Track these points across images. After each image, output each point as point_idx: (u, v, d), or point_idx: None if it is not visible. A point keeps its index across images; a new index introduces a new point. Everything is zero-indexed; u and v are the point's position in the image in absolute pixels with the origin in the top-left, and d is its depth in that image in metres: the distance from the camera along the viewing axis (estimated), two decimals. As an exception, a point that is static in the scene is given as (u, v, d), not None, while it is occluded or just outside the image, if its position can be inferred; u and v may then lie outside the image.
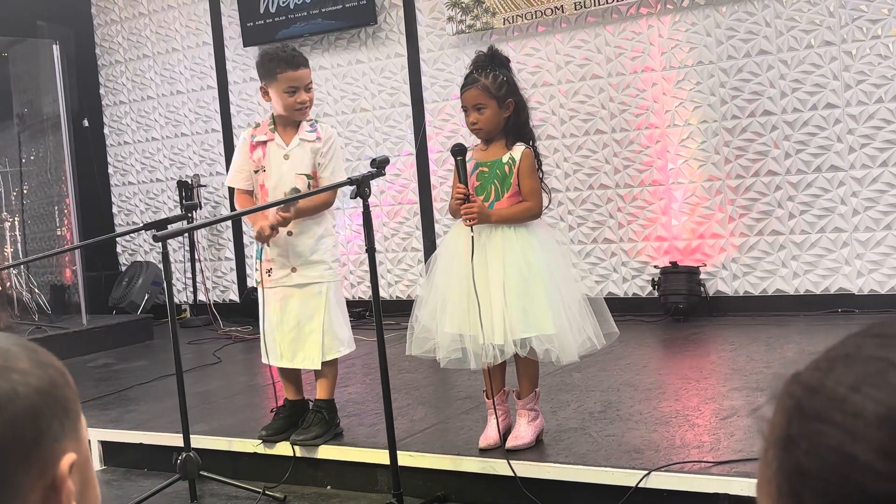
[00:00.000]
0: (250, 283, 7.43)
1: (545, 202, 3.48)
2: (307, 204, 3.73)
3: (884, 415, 0.56)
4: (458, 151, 3.39)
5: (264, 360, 3.90)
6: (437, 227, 6.67)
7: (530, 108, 3.61)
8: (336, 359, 3.91)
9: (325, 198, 3.78)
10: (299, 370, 3.94)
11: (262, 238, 3.74)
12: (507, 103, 3.40)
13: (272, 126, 3.87)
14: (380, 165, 3.23)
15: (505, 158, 3.42)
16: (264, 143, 3.85)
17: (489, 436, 3.48)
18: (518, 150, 3.41)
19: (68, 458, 0.81)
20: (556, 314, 3.30)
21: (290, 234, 3.79)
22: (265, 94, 3.86)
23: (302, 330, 3.81)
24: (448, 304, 3.39)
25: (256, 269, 3.92)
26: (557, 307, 3.31)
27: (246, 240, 7.51)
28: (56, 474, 0.80)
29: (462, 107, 3.48)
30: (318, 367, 3.84)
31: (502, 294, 3.29)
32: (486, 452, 3.45)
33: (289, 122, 3.85)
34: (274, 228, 3.70)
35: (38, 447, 0.79)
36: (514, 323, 3.28)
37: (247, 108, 7.46)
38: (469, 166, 3.42)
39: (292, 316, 3.82)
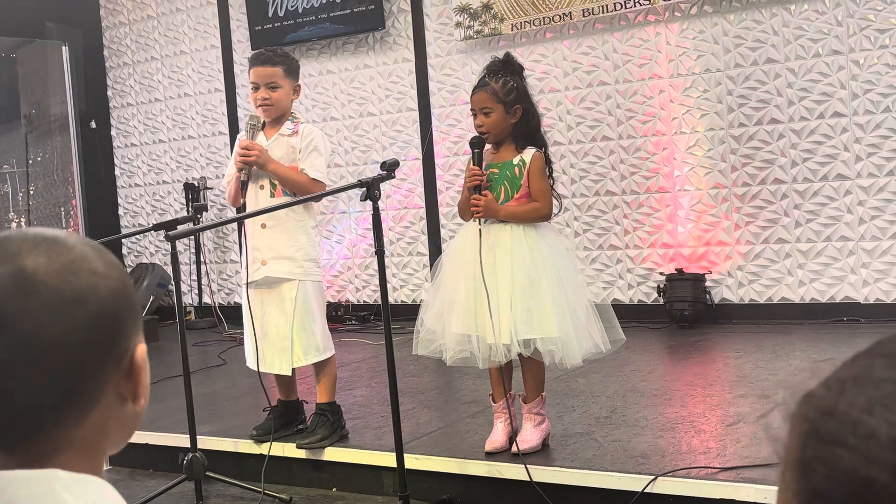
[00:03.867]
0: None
1: (556, 209, 3.50)
2: (284, 171, 3.83)
3: None
4: (477, 144, 3.45)
5: (247, 363, 3.95)
6: (442, 231, 6.68)
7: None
8: (331, 361, 3.92)
9: (305, 182, 3.80)
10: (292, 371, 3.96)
11: (238, 166, 3.85)
12: (514, 109, 3.42)
13: (261, 126, 4.00)
14: (390, 168, 3.25)
15: (515, 160, 3.44)
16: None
17: (495, 439, 3.49)
18: (528, 152, 3.44)
19: (142, 349, 0.92)
20: (562, 317, 3.30)
21: (263, 226, 3.83)
22: None
23: (273, 335, 3.83)
24: (455, 305, 3.40)
25: (242, 267, 3.96)
26: (563, 310, 3.32)
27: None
28: (133, 363, 0.90)
29: (471, 109, 3.51)
30: (289, 374, 3.87)
31: (509, 293, 3.31)
32: (492, 456, 3.45)
33: (276, 122, 3.96)
34: (247, 163, 3.82)
35: (117, 342, 0.89)
36: (519, 323, 3.30)
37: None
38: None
39: (266, 320, 3.85)
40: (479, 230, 3.37)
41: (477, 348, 3.36)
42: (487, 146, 3.53)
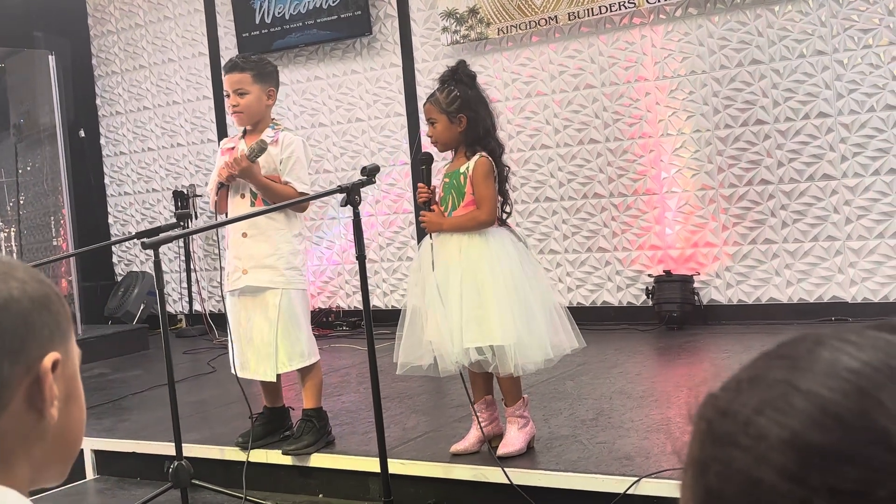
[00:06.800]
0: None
1: (507, 210, 3.53)
2: (270, 184, 3.80)
3: (786, 438, 0.57)
4: (423, 161, 3.55)
5: (231, 370, 3.94)
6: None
7: (524, 117, 3.67)
8: (316, 366, 3.92)
9: (292, 195, 3.79)
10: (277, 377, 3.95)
11: (223, 177, 3.81)
12: (459, 118, 3.46)
13: (241, 134, 4.00)
14: (370, 174, 3.26)
15: (462, 168, 3.48)
16: (231, 148, 3.96)
17: (461, 441, 3.52)
18: (474, 159, 3.46)
19: (51, 356, 0.89)
20: (504, 324, 3.31)
21: (244, 235, 3.83)
22: None
23: (257, 341, 3.84)
24: (420, 317, 3.46)
25: (225, 275, 3.96)
26: (507, 317, 3.32)
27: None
28: (39, 370, 0.88)
29: None
30: (273, 380, 3.87)
31: (457, 304, 3.36)
32: (472, 459, 3.46)
33: (255, 129, 3.95)
34: (232, 175, 3.78)
35: (26, 346, 0.88)
36: (464, 333, 3.34)
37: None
38: (439, 178, 3.55)
39: (250, 326, 3.86)
40: (431, 244, 3.43)
41: (442, 354, 3.41)
42: (447, 155, 3.59)
